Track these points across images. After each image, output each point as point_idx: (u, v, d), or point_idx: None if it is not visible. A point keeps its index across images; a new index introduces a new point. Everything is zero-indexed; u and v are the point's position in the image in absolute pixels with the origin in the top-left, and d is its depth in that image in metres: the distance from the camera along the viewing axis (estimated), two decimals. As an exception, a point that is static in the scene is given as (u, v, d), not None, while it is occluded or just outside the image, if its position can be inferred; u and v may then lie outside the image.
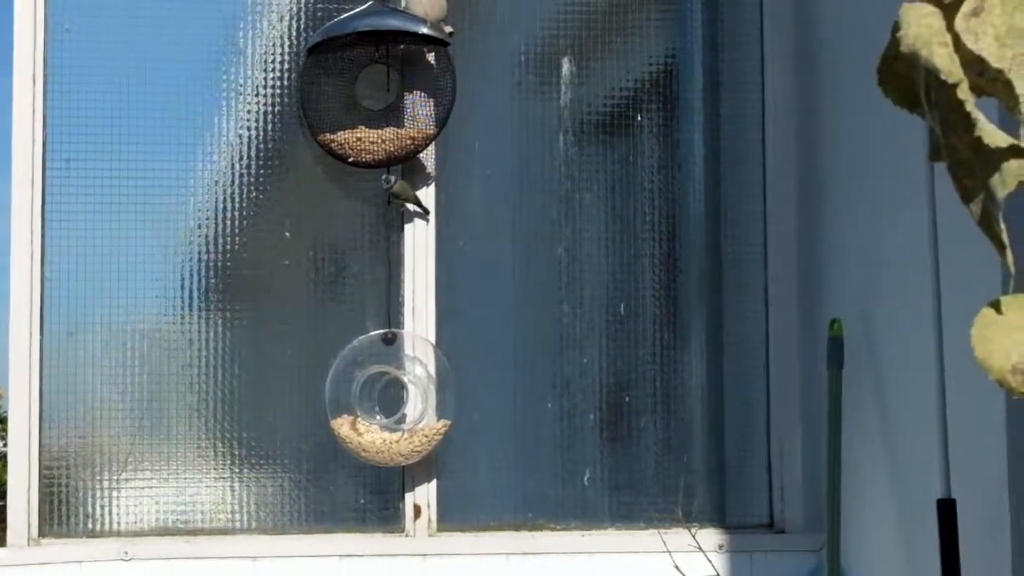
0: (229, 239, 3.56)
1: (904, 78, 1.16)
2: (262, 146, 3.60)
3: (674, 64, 3.80)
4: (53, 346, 3.47)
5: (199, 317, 3.54)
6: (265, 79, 3.61)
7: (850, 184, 3.47)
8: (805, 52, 3.71)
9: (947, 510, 2.75)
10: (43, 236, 3.47)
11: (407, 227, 3.57)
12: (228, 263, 3.56)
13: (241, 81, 3.60)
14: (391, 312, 3.57)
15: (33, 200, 3.48)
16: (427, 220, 3.58)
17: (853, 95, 3.45)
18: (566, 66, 3.73)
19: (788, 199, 3.70)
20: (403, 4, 3.57)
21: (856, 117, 3.43)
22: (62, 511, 3.47)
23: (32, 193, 3.48)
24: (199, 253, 3.56)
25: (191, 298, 3.54)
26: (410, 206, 3.55)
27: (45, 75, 3.51)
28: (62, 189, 3.52)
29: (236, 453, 3.53)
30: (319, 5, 3.63)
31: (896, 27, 1.14)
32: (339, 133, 3.54)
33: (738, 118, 3.79)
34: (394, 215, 3.58)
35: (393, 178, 3.52)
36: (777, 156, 3.73)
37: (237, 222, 3.57)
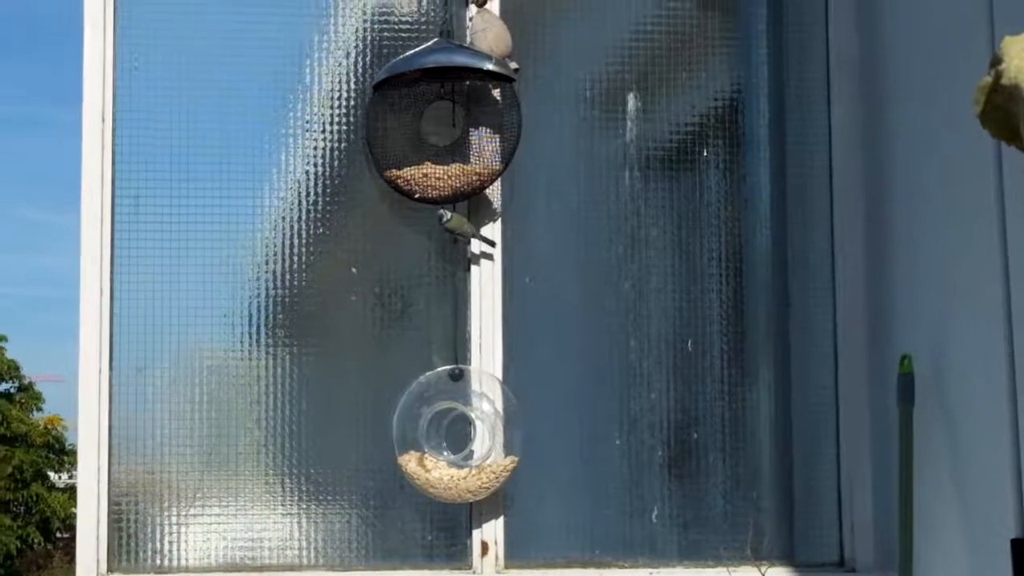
0: (295, 275, 3.59)
1: (1003, 111, 1.18)
2: (328, 182, 3.63)
3: (740, 99, 3.82)
4: (122, 381, 3.51)
5: (266, 353, 3.57)
6: (331, 115, 3.65)
7: (919, 219, 3.47)
8: (871, 86, 3.72)
9: (1021, 550, 2.74)
10: (112, 273, 3.52)
11: (473, 263, 3.60)
12: (294, 299, 3.59)
13: (307, 117, 3.64)
14: (458, 348, 3.59)
15: (102, 237, 3.52)
16: (492, 255, 3.60)
17: (920, 130, 3.46)
18: (631, 101, 3.75)
19: (856, 234, 3.71)
20: (468, 40, 3.60)
21: (924, 152, 3.43)
22: (130, 546, 3.50)
23: (101, 230, 3.52)
24: (266, 289, 3.59)
25: (258, 334, 3.57)
26: (475, 241, 3.58)
27: (114, 113, 3.56)
28: (130, 226, 3.56)
29: (303, 489, 3.55)
30: (385, 42, 3.67)
31: (996, 60, 1.16)
32: (405, 169, 3.57)
33: (804, 153, 3.80)
34: (460, 251, 3.60)
35: (448, 213, 3.55)
36: (844, 191, 3.73)
37: (303, 258, 3.60)
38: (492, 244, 3.60)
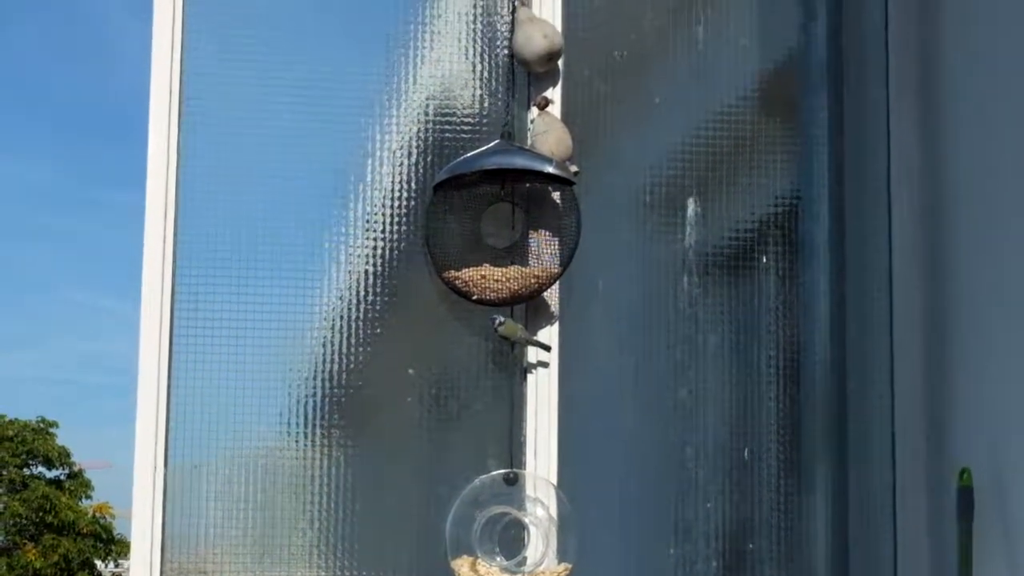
0: (351, 375, 3.67)
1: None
2: (386, 281, 3.71)
3: (799, 204, 3.89)
4: (177, 478, 3.58)
5: (320, 453, 3.64)
6: (391, 214, 3.73)
7: (980, 329, 3.53)
8: (932, 194, 3.78)
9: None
10: (170, 369, 3.60)
11: (529, 366, 3.66)
12: (350, 399, 3.67)
13: (367, 216, 3.73)
14: (513, 451, 3.65)
15: (161, 334, 3.60)
16: (548, 360, 3.66)
17: (981, 239, 3.52)
18: (690, 206, 3.82)
19: (915, 343, 3.76)
20: (529, 142, 3.69)
21: (986, 261, 3.49)
22: (181, 645, 3.56)
23: (160, 327, 3.60)
24: (322, 388, 3.66)
25: (313, 433, 3.65)
26: (530, 347, 3.64)
27: (176, 208, 3.65)
28: (189, 322, 3.64)
29: (355, 591, 3.61)
30: (446, 142, 3.76)
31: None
32: (464, 270, 3.65)
33: (863, 261, 3.87)
34: (517, 354, 3.67)
35: (502, 318, 3.62)
36: (904, 299, 3.80)
37: (360, 358, 3.67)
38: (547, 349, 3.67)
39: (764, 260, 3.85)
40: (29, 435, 39.43)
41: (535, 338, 3.65)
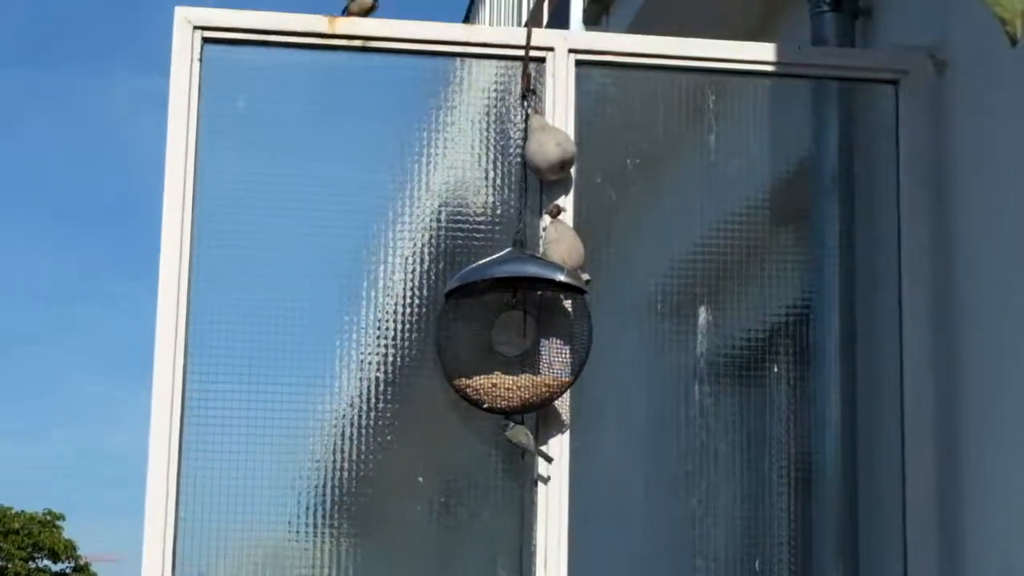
0: (360, 480, 3.67)
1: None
2: (397, 387, 3.72)
3: (810, 312, 3.90)
4: (184, 581, 3.57)
5: (330, 559, 3.64)
6: (402, 320, 3.75)
7: (991, 448, 3.53)
8: (943, 308, 3.79)
9: None
10: (179, 471, 3.59)
11: (540, 474, 3.66)
12: (359, 504, 3.68)
13: (378, 321, 3.75)
14: (523, 561, 3.64)
15: (171, 433, 3.60)
16: (557, 468, 3.65)
17: (993, 346, 3.53)
18: (702, 314, 3.84)
19: (926, 458, 3.76)
20: (541, 250, 3.71)
21: (998, 366, 3.50)
22: None
23: (171, 425, 3.60)
24: (331, 493, 3.67)
25: (322, 539, 3.65)
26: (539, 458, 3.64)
27: (188, 314, 3.66)
28: (199, 421, 3.64)
29: None
30: (458, 249, 3.78)
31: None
32: (475, 378, 3.65)
33: (874, 369, 3.87)
34: (527, 463, 3.67)
35: (511, 423, 3.62)
36: (915, 410, 3.79)
37: (370, 463, 3.68)
38: (549, 460, 3.65)
39: (775, 369, 3.85)
40: (35, 527, 39.35)
41: (540, 448, 3.64)
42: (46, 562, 39.47)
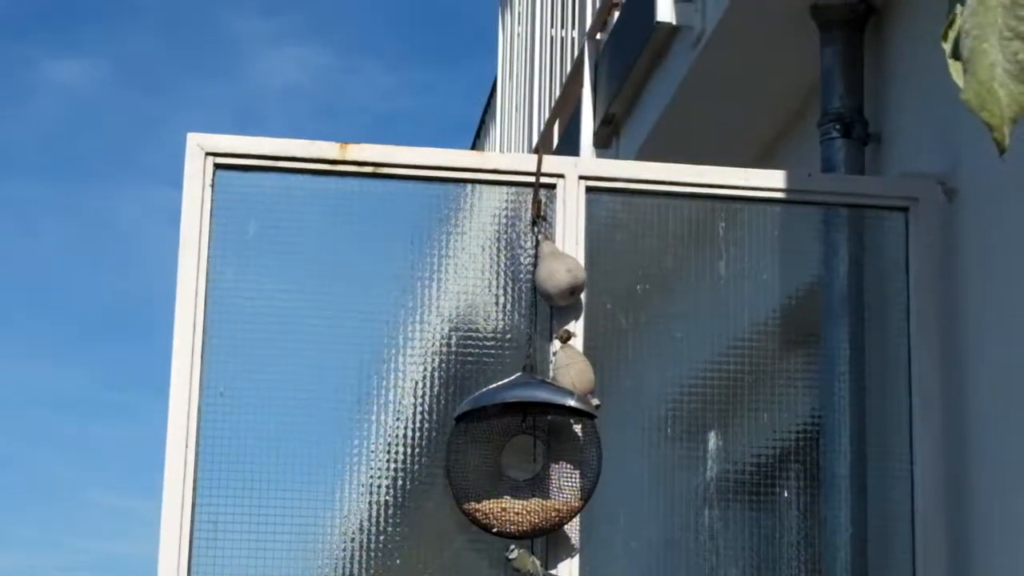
0: (369, 607, 3.67)
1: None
2: (405, 510, 3.74)
3: (820, 436, 3.91)
4: None
5: None
6: (412, 443, 3.77)
7: (1006, 566, 3.53)
8: (954, 426, 3.80)
9: None
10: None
11: (550, 600, 3.66)
12: (367, 631, 3.67)
13: (387, 444, 3.77)
14: None
15: (180, 547, 3.61)
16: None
17: (1005, 471, 3.54)
18: (712, 439, 3.85)
19: (939, 578, 3.75)
20: (551, 375, 3.73)
21: (1010, 492, 3.50)
22: None
23: (180, 538, 3.61)
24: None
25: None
26: None
27: (198, 420, 3.68)
28: (208, 536, 3.65)
29: None
30: (467, 374, 3.80)
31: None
32: (484, 502, 3.67)
33: (885, 494, 3.88)
34: (538, 589, 3.67)
35: (516, 551, 3.62)
36: (926, 534, 3.79)
37: (379, 588, 3.68)
38: None
39: (785, 494, 3.86)
40: (47, 634, 39.14)
41: (549, 572, 3.65)
42: (56, 669, 39.22)
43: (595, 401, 3.72)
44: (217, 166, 3.79)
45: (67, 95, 32.97)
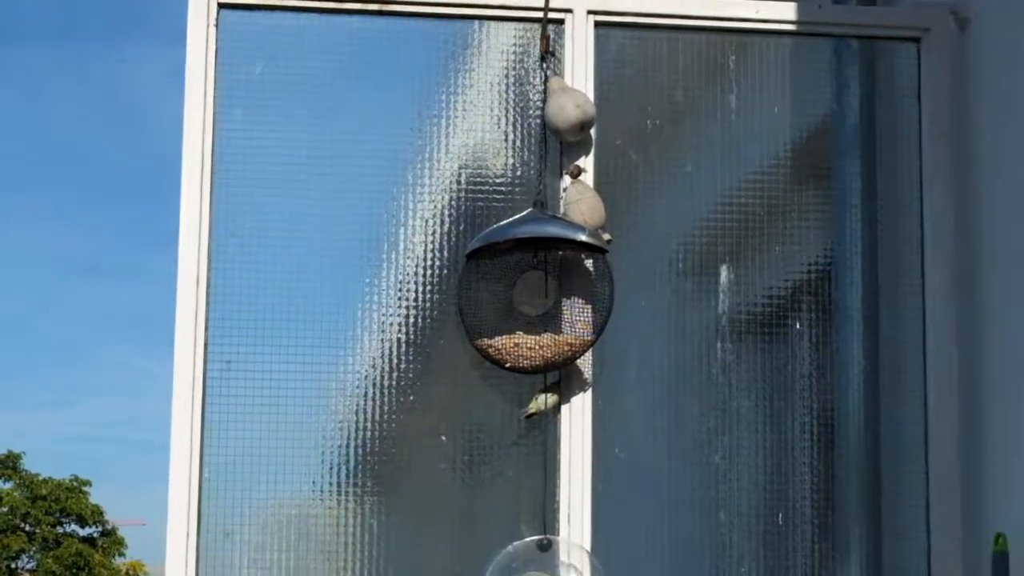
0: (383, 441, 3.73)
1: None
2: (419, 349, 3.78)
3: (832, 270, 3.93)
4: (210, 543, 3.63)
5: (353, 520, 3.69)
6: (424, 282, 3.80)
7: (1015, 392, 3.56)
8: (966, 258, 3.82)
9: None
10: (202, 435, 3.65)
11: (563, 433, 3.71)
12: (382, 465, 3.73)
13: (400, 284, 3.79)
14: (546, 518, 3.69)
15: (193, 398, 3.66)
16: (574, 426, 3.70)
17: (1017, 302, 3.56)
18: (723, 272, 3.88)
19: (950, 408, 3.80)
20: (562, 211, 3.75)
21: (1021, 322, 3.53)
22: None
23: (192, 390, 3.66)
24: (354, 454, 3.72)
25: (346, 500, 3.70)
26: (564, 411, 3.67)
27: (208, 277, 3.70)
28: (221, 389, 3.69)
29: (387, 659, 3.66)
30: (478, 211, 3.82)
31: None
32: (496, 338, 3.70)
33: (897, 326, 3.91)
34: (550, 421, 3.72)
35: (528, 411, 3.67)
36: (937, 365, 3.82)
37: (392, 425, 3.73)
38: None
39: (797, 326, 3.89)
40: (62, 494, 39.66)
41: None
42: (73, 527, 39.81)
43: (606, 236, 3.74)
44: (221, 5, 3.78)
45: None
